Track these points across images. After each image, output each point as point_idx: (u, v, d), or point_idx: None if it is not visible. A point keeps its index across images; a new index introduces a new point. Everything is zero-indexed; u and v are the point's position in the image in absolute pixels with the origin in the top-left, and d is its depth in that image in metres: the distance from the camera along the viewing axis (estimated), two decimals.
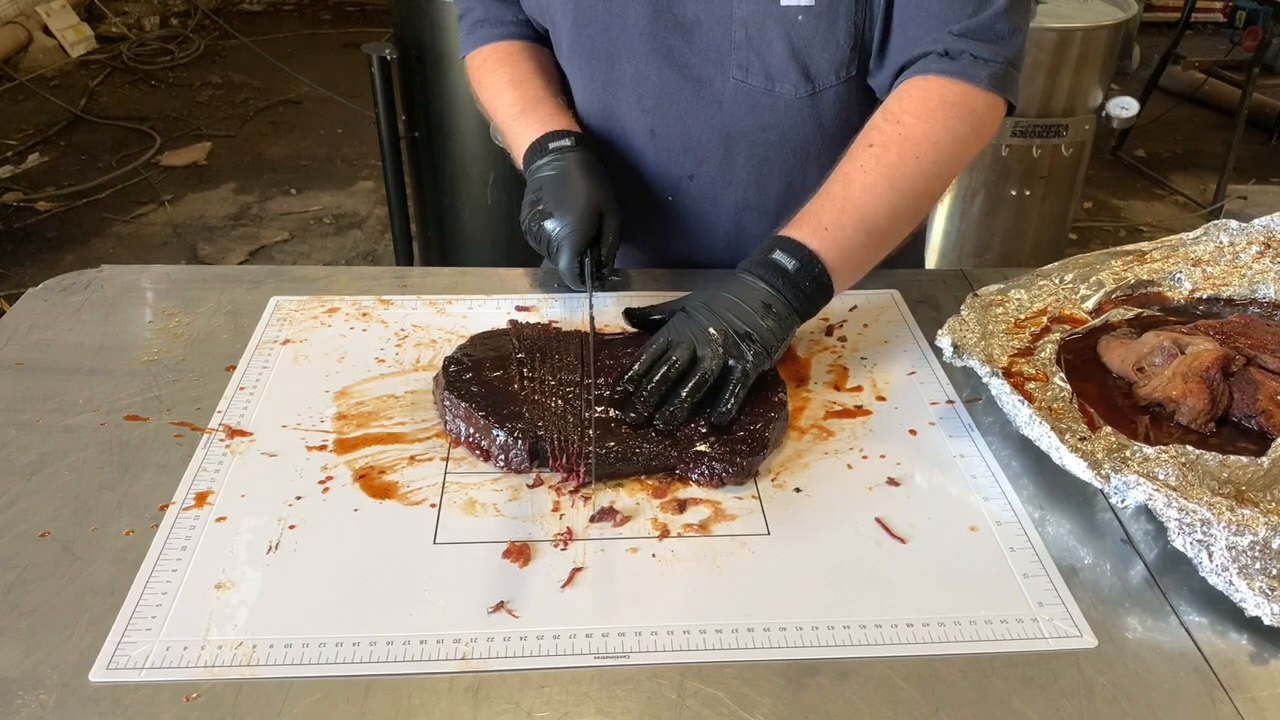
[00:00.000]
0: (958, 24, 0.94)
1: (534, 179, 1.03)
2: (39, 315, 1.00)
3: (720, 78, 1.02)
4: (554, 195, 1.00)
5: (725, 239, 1.11)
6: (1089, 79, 2.44)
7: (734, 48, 0.99)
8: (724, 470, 0.80)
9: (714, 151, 1.06)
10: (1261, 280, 1.00)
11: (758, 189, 1.08)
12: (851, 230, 0.90)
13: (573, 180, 1.00)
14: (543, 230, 1.00)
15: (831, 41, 0.98)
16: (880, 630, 0.68)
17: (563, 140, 1.03)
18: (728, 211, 1.10)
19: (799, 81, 1.00)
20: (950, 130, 0.94)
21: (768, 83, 1.01)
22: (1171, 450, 0.74)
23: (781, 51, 0.98)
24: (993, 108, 0.97)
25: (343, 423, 0.86)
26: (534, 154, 1.04)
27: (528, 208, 1.02)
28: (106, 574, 0.71)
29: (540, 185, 1.01)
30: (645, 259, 1.17)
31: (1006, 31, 0.95)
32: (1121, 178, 3.93)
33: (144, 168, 3.73)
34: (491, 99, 1.12)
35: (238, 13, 5.50)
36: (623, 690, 0.64)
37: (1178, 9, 4.74)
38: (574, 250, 0.98)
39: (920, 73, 0.96)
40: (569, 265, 0.98)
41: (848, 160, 0.94)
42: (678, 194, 1.10)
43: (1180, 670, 0.66)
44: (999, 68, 0.95)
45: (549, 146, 1.03)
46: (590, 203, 0.99)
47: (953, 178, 0.97)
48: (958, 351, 0.87)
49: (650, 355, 0.86)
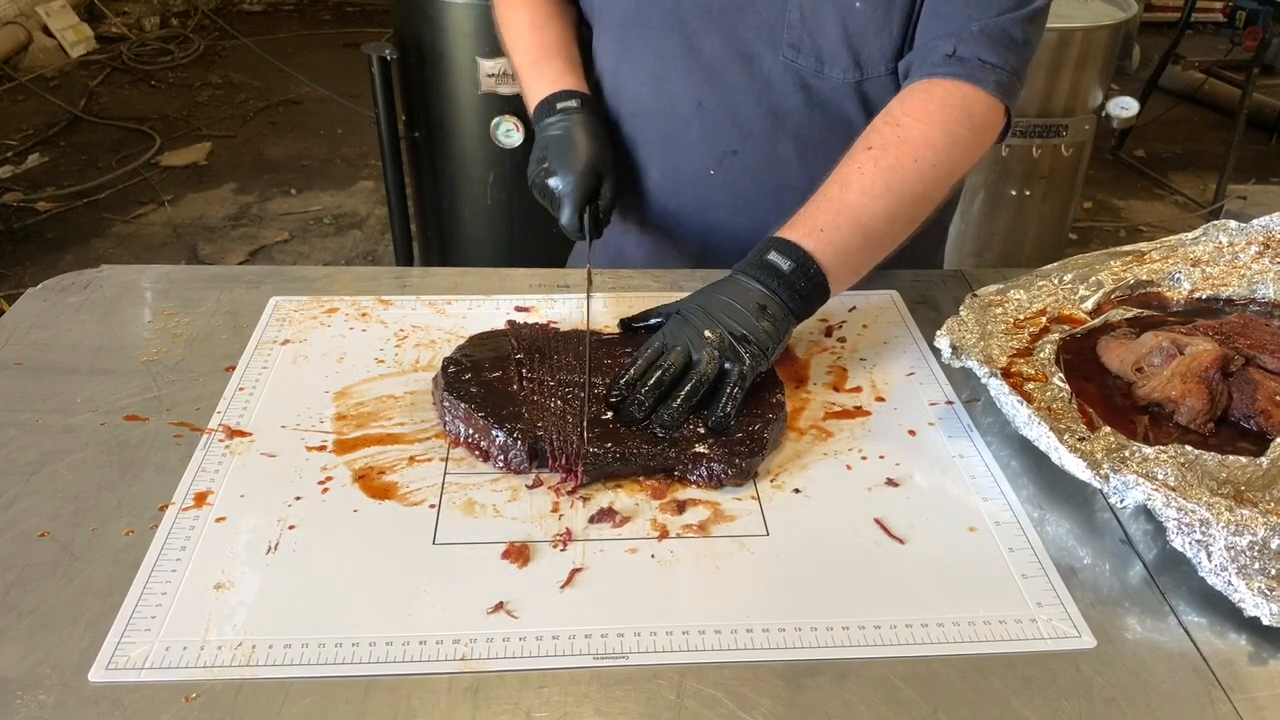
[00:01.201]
0: (978, 22, 0.95)
1: (541, 137, 1.11)
2: (39, 315, 1.00)
3: (771, 55, 1.03)
4: (558, 154, 1.07)
5: (764, 218, 1.12)
6: (1089, 79, 2.44)
7: (788, 26, 1.01)
8: (723, 471, 0.80)
9: (759, 128, 1.08)
10: (1261, 280, 1.00)
11: (800, 170, 1.09)
12: (848, 232, 0.90)
13: (575, 141, 1.07)
14: (547, 186, 1.07)
15: (885, 31, 0.99)
16: (879, 631, 0.68)
17: (569, 101, 1.10)
18: (769, 190, 1.11)
19: (849, 67, 1.02)
20: (949, 134, 0.94)
21: (817, 64, 1.02)
22: (1170, 450, 0.74)
23: (835, 35, 1.00)
24: (993, 113, 0.97)
25: (342, 423, 0.86)
26: (542, 112, 1.11)
27: (535, 164, 1.09)
28: (106, 574, 0.71)
29: (547, 144, 1.09)
30: (685, 235, 1.19)
31: (1020, 40, 0.96)
32: (1121, 178, 3.93)
33: (144, 168, 3.73)
34: (511, 40, 1.19)
35: (238, 13, 5.50)
36: (622, 691, 0.64)
37: (1178, 9, 4.74)
38: (575, 206, 1.05)
39: (926, 75, 0.97)
40: (570, 219, 1.05)
41: (846, 162, 0.94)
42: (720, 169, 1.11)
43: (1179, 670, 0.67)
44: (1005, 75, 0.96)
45: (556, 106, 1.10)
46: (591, 162, 1.06)
47: (952, 182, 0.97)
48: (956, 352, 0.87)
49: (645, 359, 0.86)
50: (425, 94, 2.27)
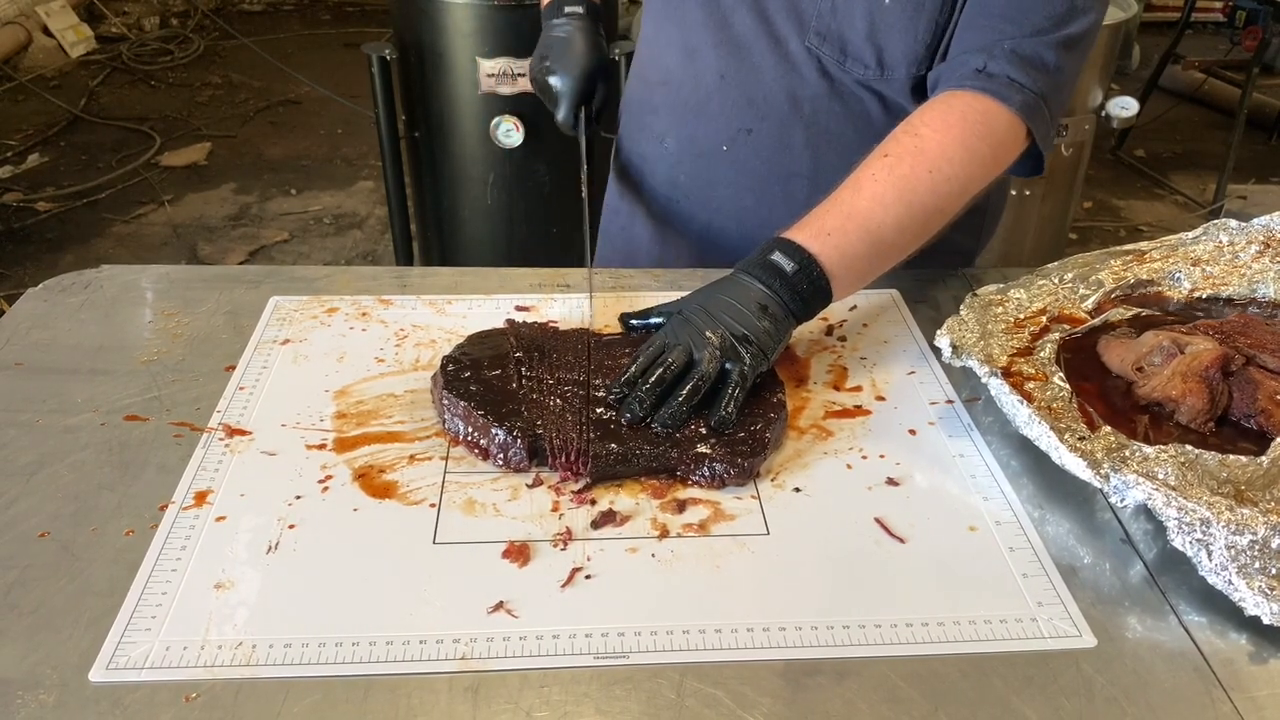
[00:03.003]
0: (1011, 40, 0.93)
1: (545, 36, 1.17)
2: (39, 315, 1.00)
3: (797, 40, 1.04)
4: (559, 54, 1.14)
5: (769, 201, 1.13)
6: (1089, 79, 2.44)
7: (817, 14, 1.02)
8: (725, 471, 0.80)
9: (777, 110, 1.08)
10: (1261, 280, 1.00)
11: (811, 159, 1.09)
12: (855, 238, 0.89)
13: (576, 44, 1.14)
14: (547, 84, 1.15)
15: (910, 32, 0.99)
16: (880, 630, 0.68)
17: (576, 7, 1.17)
18: (779, 174, 1.11)
19: (871, 63, 1.02)
20: (967, 148, 0.92)
21: (840, 56, 1.02)
22: (1171, 450, 0.74)
23: (861, 29, 1.00)
24: (1015, 133, 0.94)
25: (342, 421, 0.86)
26: (550, 12, 1.18)
27: (537, 60, 1.16)
28: (106, 574, 0.71)
29: (550, 44, 1.16)
30: (690, 206, 1.19)
31: (1052, 64, 0.94)
32: (1121, 177, 3.93)
33: (144, 168, 3.73)
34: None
35: (238, 13, 5.50)
36: (622, 690, 0.64)
37: (1178, 9, 4.74)
38: (571, 103, 1.13)
39: (952, 87, 0.95)
40: (567, 116, 1.14)
41: (861, 168, 0.93)
42: (734, 146, 1.12)
43: (1179, 670, 0.67)
44: (1031, 97, 0.93)
45: (564, 10, 1.17)
46: (589, 66, 1.14)
47: (966, 197, 0.94)
48: (956, 351, 0.87)
49: (646, 358, 0.86)
50: (425, 94, 2.27)
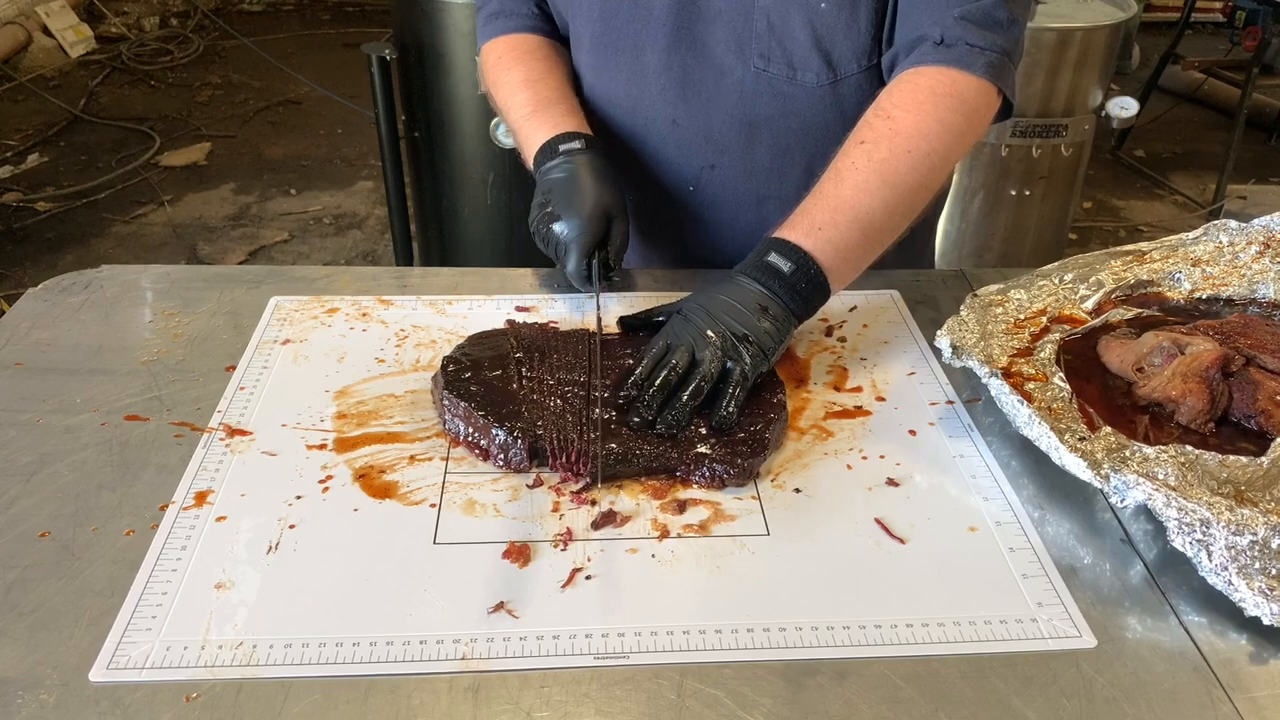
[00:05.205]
0: (959, 7, 0.94)
1: (543, 181, 1.03)
2: (39, 315, 1.00)
3: (741, 66, 1.02)
4: (563, 198, 1.00)
5: (747, 229, 1.11)
6: (1089, 79, 2.44)
7: (756, 36, 1.00)
8: (725, 472, 0.80)
9: (735, 141, 1.07)
10: (1261, 280, 1.00)
11: (779, 178, 1.08)
12: (846, 229, 0.90)
13: (581, 183, 1.00)
14: (551, 233, 1.00)
15: (854, 29, 0.99)
16: (880, 630, 0.68)
17: (573, 143, 1.03)
18: (749, 201, 1.10)
19: (821, 70, 1.01)
20: (941, 121, 0.93)
21: (789, 71, 1.01)
22: (1171, 450, 0.74)
23: (804, 40, 0.99)
24: (986, 97, 0.96)
25: (343, 421, 0.86)
26: (544, 156, 1.04)
27: (536, 210, 1.02)
28: (106, 574, 0.71)
29: (549, 188, 1.02)
30: (667, 251, 1.17)
31: (1005, 20, 0.95)
32: (1121, 178, 3.93)
33: (144, 168, 3.73)
34: (505, 98, 1.11)
35: (237, 13, 5.50)
36: (622, 690, 0.64)
37: (1178, 9, 4.74)
38: (581, 253, 0.99)
39: (914, 64, 0.96)
40: (576, 268, 0.99)
41: (840, 158, 0.93)
42: (699, 184, 1.10)
43: (1180, 670, 0.67)
44: (995, 57, 0.94)
45: (559, 149, 1.03)
46: (598, 206, 0.99)
47: (947, 170, 0.96)
48: (956, 352, 0.87)
49: (651, 359, 0.86)
50: (425, 94, 2.27)
